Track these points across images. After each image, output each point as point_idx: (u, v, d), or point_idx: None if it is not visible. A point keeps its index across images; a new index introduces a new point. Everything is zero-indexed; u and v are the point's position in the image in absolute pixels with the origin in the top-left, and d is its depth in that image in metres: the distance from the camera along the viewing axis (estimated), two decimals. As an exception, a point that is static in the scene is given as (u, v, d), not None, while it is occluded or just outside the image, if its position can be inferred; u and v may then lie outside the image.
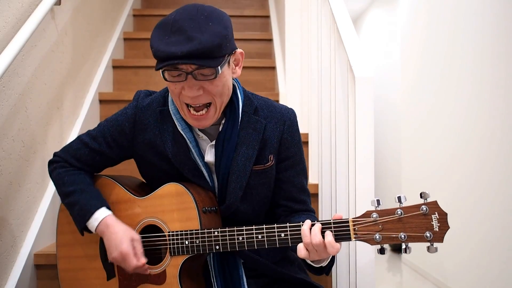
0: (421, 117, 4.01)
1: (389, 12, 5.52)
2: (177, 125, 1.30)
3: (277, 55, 3.06)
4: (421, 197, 1.10)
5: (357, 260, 1.42)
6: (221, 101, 1.23)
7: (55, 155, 1.41)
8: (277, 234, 1.18)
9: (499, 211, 2.85)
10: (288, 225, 1.18)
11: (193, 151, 1.30)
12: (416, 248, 1.23)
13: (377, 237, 1.11)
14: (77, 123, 2.32)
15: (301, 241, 1.14)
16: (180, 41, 1.12)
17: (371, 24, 6.27)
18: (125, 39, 3.28)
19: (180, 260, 1.25)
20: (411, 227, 1.09)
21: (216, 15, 1.17)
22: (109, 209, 1.31)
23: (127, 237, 1.24)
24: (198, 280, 1.32)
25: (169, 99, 1.33)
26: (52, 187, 1.93)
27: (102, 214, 1.28)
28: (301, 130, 2.37)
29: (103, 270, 1.34)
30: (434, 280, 3.73)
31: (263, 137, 1.32)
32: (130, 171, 1.55)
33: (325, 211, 1.87)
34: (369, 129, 1.43)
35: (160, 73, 1.18)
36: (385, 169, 5.49)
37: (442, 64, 3.62)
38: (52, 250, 1.74)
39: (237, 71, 1.27)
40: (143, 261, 1.24)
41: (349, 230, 1.12)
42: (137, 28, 3.62)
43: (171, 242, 1.25)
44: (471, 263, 3.17)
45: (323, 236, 1.12)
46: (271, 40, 3.39)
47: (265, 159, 1.32)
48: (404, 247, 1.11)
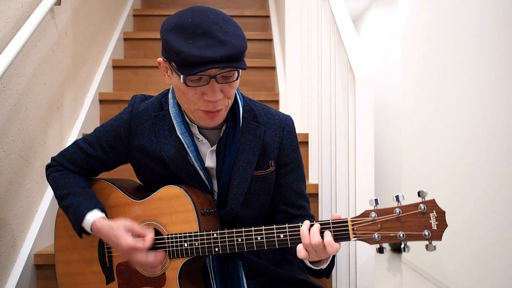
0: (421, 117, 4.00)
1: (389, 12, 5.51)
2: (176, 128, 1.29)
3: (277, 55, 3.06)
4: (419, 196, 1.10)
5: (357, 260, 1.43)
6: (231, 103, 1.24)
7: (52, 159, 1.41)
8: (276, 235, 1.18)
9: (499, 211, 2.85)
10: (287, 226, 1.18)
11: (191, 155, 1.29)
12: (416, 248, 1.23)
13: (376, 237, 1.11)
14: (77, 123, 2.33)
15: (300, 242, 1.14)
16: (212, 45, 1.09)
17: (371, 24, 6.26)
18: (125, 39, 3.28)
19: (179, 262, 1.25)
20: (409, 225, 1.09)
21: (230, 19, 1.17)
22: (103, 210, 1.29)
23: (120, 231, 1.20)
24: (197, 282, 1.32)
25: (170, 102, 1.32)
26: (52, 187, 1.93)
27: (93, 216, 1.26)
28: (301, 130, 2.37)
29: (102, 274, 1.34)
30: (434, 280, 3.73)
31: (263, 143, 1.32)
32: (128, 173, 1.55)
33: (325, 211, 1.87)
34: (369, 129, 1.44)
35: (160, 73, 1.17)
36: (385, 169, 5.49)
37: (442, 64, 3.62)
38: (52, 250, 1.74)
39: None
40: (149, 236, 1.20)
41: (348, 230, 1.13)
42: (137, 28, 3.62)
43: (170, 245, 1.25)
44: (471, 263, 3.17)
45: (322, 236, 1.12)
46: (271, 40, 3.39)
47: (265, 165, 1.32)
48: (403, 246, 1.11)
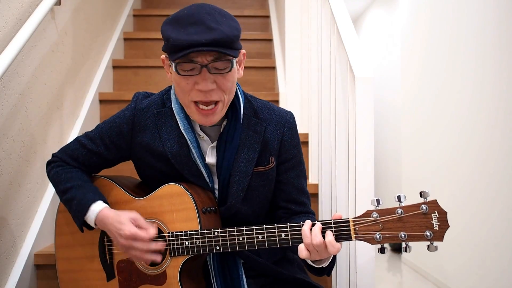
0: (421, 117, 4.00)
1: (389, 12, 5.52)
2: (179, 124, 1.30)
3: (277, 55, 3.06)
4: (421, 196, 1.10)
5: (357, 259, 1.43)
6: (228, 99, 1.24)
7: (53, 155, 1.41)
8: (277, 234, 1.18)
9: (500, 211, 2.85)
10: (288, 225, 1.18)
11: (193, 151, 1.30)
12: (416, 248, 1.23)
13: (378, 237, 1.11)
14: (77, 123, 2.33)
15: (302, 241, 1.14)
16: (200, 31, 1.13)
17: (371, 24, 6.27)
18: (125, 39, 3.28)
19: (180, 260, 1.25)
20: (411, 226, 1.09)
21: (227, 14, 1.20)
22: (106, 202, 1.30)
23: (125, 219, 1.22)
24: (198, 280, 1.32)
25: (173, 98, 1.32)
26: (52, 187, 1.92)
27: (98, 206, 1.27)
28: (301, 130, 2.37)
29: (103, 271, 1.34)
30: (434, 280, 3.73)
31: (264, 139, 1.32)
32: (129, 171, 1.55)
33: (325, 211, 1.87)
34: (369, 129, 1.44)
35: (160, 73, 1.17)
36: (385, 169, 5.49)
37: (442, 63, 3.62)
38: (52, 250, 1.73)
39: (240, 72, 1.28)
40: (152, 231, 1.21)
41: (350, 230, 1.13)
42: (137, 28, 3.62)
43: (171, 242, 1.25)
44: (472, 263, 3.17)
45: (324, 236, 1.12)
46: (271, 40, 3.39)
47: (266, 161, 1.33)
48: (404, 246, 1.11)
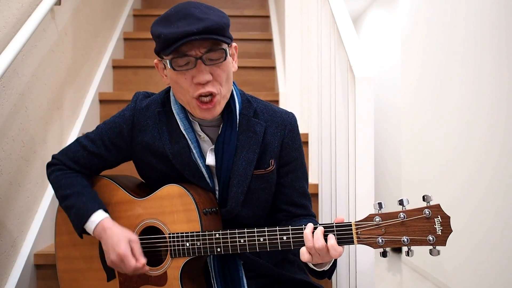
0: (422, 118, 4.00)
1: (389, 12, 5.51)
2: (179, 124, 1.29)
3: (277, 55, 3.06)
4: (424, 200, 1.09)
5: (357, 260, 1.42)
6: (225, 91, 1.23)
7: (53, 157, 1.40)
8: (279, 236, 1.17)
9: (500, 211, 2.85)
10: (290, 227, 1.17)
11: (194, 152, 1.29)
12: (416, 248, 1.23)
13: (380, 241, 1.10)
14: (77, 123, 2.32)
15: (304, 245, 1.14)
16: (191, 22, 1.14)
17: (371, 24, 6.26)
18: (125, 39, 3.28)
19: (181, 262, 1.25)
20: (414, 230, 1.08)
21: (214, 7, 1.22)
22: (106, 211, 1.30)
23: (124, 238, 1.23)
24: (198, 281, 1.32)
25: (172, 98, 1.32)
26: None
27: (99, 216, 1.26)
28: (301, 130, 2.36)
29: (103, 271, 1.34)
30: (434, 280, 3.73)
31: (264, 141, 1.31)
32: (129, 170, 1.54)
33: (325, 211, 1.87)
34: (369, 129, 1.43)
35: (159, 73, 1.17)
36: (385, 169, 5.48)
37: (442, 64, 3.62)
38: (52, 250, 1.73)
39: (234, 65, 1.28)
40: (142, 262, 1.22)
41: (352, 233, 1.11)
42: (137, 28, 3.62)
43: (172, 244, 1.24)
44: (471, 263, 3.17)
45: (326, 239, 1.11)
46: (271, 40, 3.39)
47: (266, 164, 1.31)
48: (406, 250, 1.10)
